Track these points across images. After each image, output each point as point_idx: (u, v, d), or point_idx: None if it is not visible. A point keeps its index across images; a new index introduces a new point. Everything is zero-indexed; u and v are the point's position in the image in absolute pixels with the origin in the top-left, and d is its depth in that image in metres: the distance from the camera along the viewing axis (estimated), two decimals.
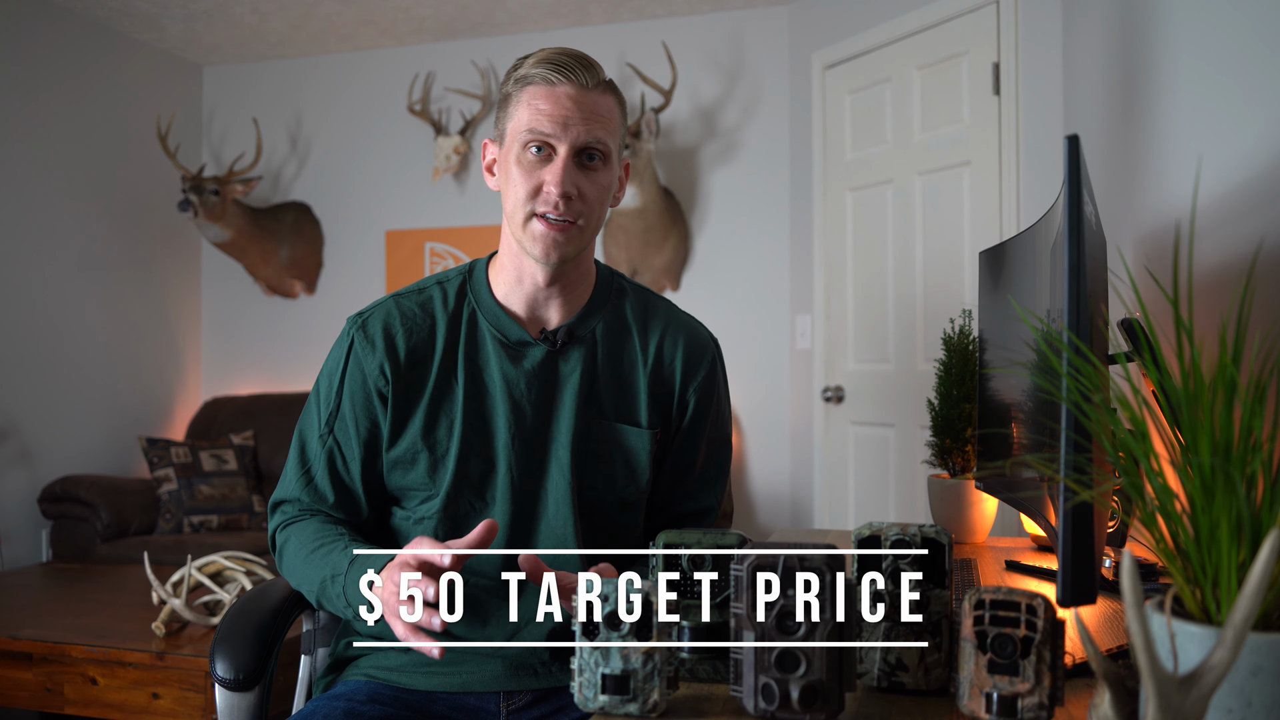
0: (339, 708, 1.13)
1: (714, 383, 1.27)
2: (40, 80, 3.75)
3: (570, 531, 1.17)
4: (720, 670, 0.88)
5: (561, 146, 1.11)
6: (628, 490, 1.21)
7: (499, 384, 1.17)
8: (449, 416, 1.17)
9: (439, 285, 1.23)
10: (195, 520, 3.73)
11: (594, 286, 1.24)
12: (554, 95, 1.11)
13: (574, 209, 1.13)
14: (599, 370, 1.21)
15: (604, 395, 1.21)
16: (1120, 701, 0.62)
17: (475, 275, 1.23)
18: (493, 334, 1.19)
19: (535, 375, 1.18)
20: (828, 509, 3.52)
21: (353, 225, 4.37)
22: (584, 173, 1.13)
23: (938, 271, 3.08)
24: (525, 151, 1.12)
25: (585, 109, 1.12)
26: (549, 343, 1.19)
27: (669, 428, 1.25)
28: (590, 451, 1.20)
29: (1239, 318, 0.62)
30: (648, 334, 1.24)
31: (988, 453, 1.43)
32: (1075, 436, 0.80)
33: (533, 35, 4.12)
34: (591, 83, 1.13)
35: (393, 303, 1.21)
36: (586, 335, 1.21)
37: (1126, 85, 1.95)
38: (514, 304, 1.20)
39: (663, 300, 1.30)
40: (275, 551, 1.23)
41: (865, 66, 3.33)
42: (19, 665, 2.29)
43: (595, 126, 1.12)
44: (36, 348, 3.72)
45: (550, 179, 1.11)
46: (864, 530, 0.86)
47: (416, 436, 1.17)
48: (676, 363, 1.24)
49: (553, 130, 1.11)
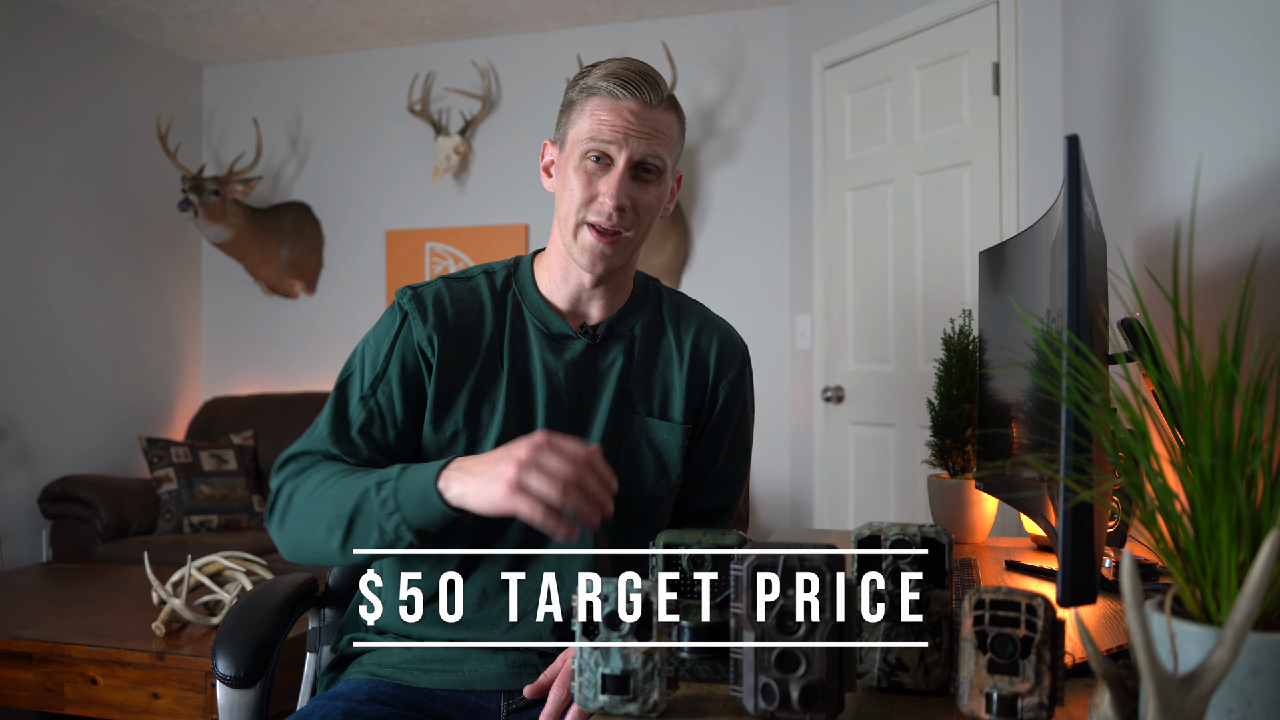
0: (338, 707, 1.13)
1: (743, 382, 1.31)
2: (40, 80, 3.75)
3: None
4: (720, 670, 0.88)
5: (620, 158, 1.15)
6: (659, 484, 1.24)
7: (540, 373, 1.20)
8: (491, 400, 1.19)
9: (485, 274, 1.26)
10: (195, 520, 3.73)
11: (633, 289, 1.28)
12: (617, 108, 1.14)
13: (625, 220, 1.16)
14: (635, 366, 1.25)
15: (640, 391, 1.24)
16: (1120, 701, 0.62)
17: (521, 269, 1.27)
18: (535, 325, 1.23)
19: (574, 366, 1.22)
20: (828, 509, 3.52)
21: (353, 225, 4.37)
22: (638, 185, 1.17)
23: (938, 271, 3.08)
24: (585, 160, 1.15)
25: (647, 124, 1.15)
26: (590, 337, 1.23)
27: (699, 422, 1.28)
28: (624, 445, 1.22)
29: (1239, 318, 0.62)
30: (683, 331, 1.29)
31: (988, 453, 1.43)
32: (1075, 436, 0.80)
33: (533, 35, 4.12)
34: (655, 100, 1.16)
35: (443, 283, 1.24)
36: (626, 332, 1.25)
37: (1126, 85, 1.95)
38: (558, 299, 1.24)
39: (697, 303, 1.35)
40: (276, 504, 1.14)
41: (865, 66, 3.33)
42: (19, 665, 2.29)
43: (654, 142, 1.16)
44: (36, 348, 3.72)
45: (606, 190, 1.15)
46: (864, 530, 0.86)
47: (460, 416, 1.18)
48: (711, 357, 1.28)
49: (613, 139, 1.14)
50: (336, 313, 4.35)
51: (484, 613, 1.17)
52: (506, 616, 1.17)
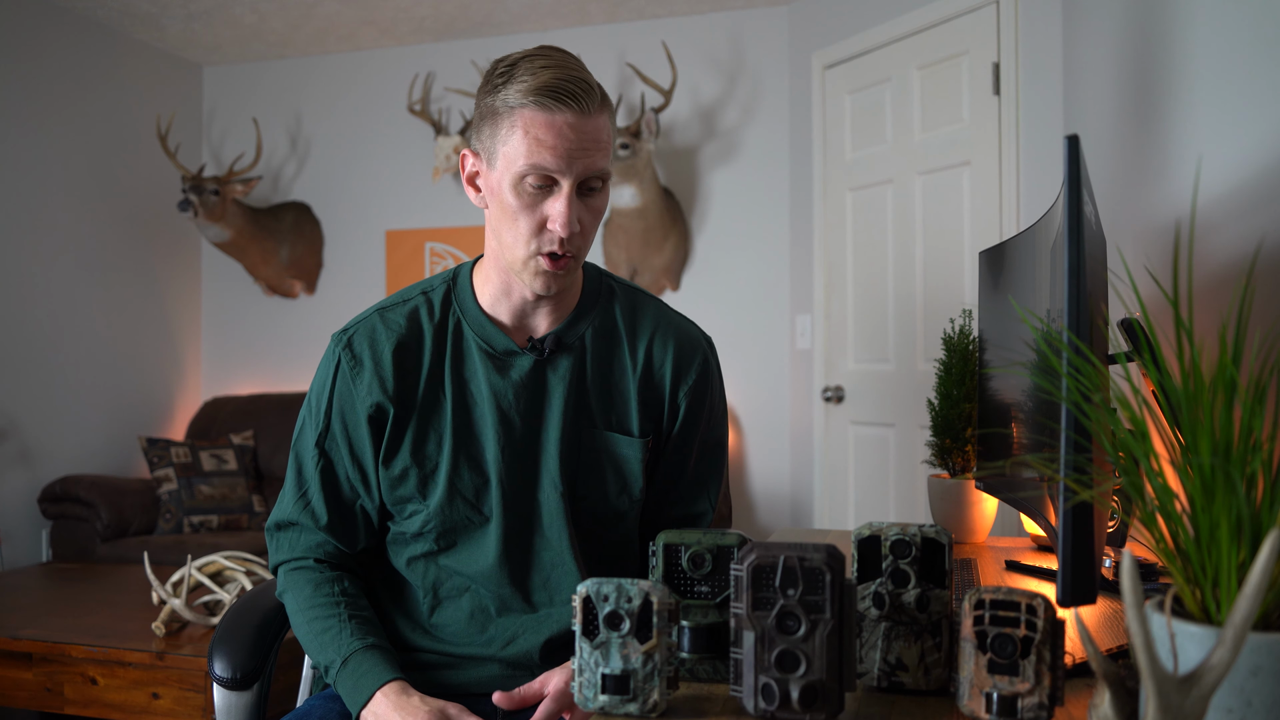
0: (334, 709, 1.13)
1: (706, 385, 1.24)
2: (40, 80, 3.75)
3: (566, 544, 1.17)
4: (720, 670, 0.88)
5: (565, 181, 1.06)
6: (620, 500, 1.20)
7: (487, 396, 1.15)
8: (438, 431, 1.16)
9: (424, 295, 1.20)
10: (195, 520, 3.73)
11: (582, 290, 1.21)
12: (553, 124, 1.04)
13: (574, 244, 1.09)
14: (588, 378, 1.18)
15: (594, 404, 1.18)
16: (1120, 701, 0.62)
17: (460, 283, 1.20)
18: (479, 344, 1.17)
19: (523, 386, 1.16)
20: (828, 509, 3.52)
21: (353, 225, 4.37)
22: (584, 200, 1.09)
23: (938, 271, 3.08)
24: (522, 183, 1.06)
25: (588, 137, 1.05)
26: (536, 352, 1.17)
27: (660, 434, 1.22)
28: (582, 462, 1.18)
29: (1239, 318, 0.62)
30: (637, 338, 1.21)
31: (988, 453, 1.43)
32: (1075, 436, 0.80)
33: (533, 35, 4.12)
34: (592, 106, 1.05)
35: (377, 317, 1.18)
36: (575, 342, 1.18)
37: (1127, 85, 1.95)
38: (500, 313, 1.17)
39: (653, 300, 1.26)
40: (279, 587, 1.23)
41: (865, 66, 3.33)
42: (19, 665, 2.29)
43: (598, 156, 1.07)
44: (36, 348, 3.72)
45: (556, 218, 1.06)
46: (864, 530, 0.86)
47: (407, 454, 1.16)
48: (666, 367, 1.21)
49: (556, 165, 1.05)
50: (336, 313, 4.35)
51: (474, 636, 1.18)
52: (498, 639, 1.18)
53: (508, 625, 1.17)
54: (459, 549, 1.17)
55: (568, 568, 1.17)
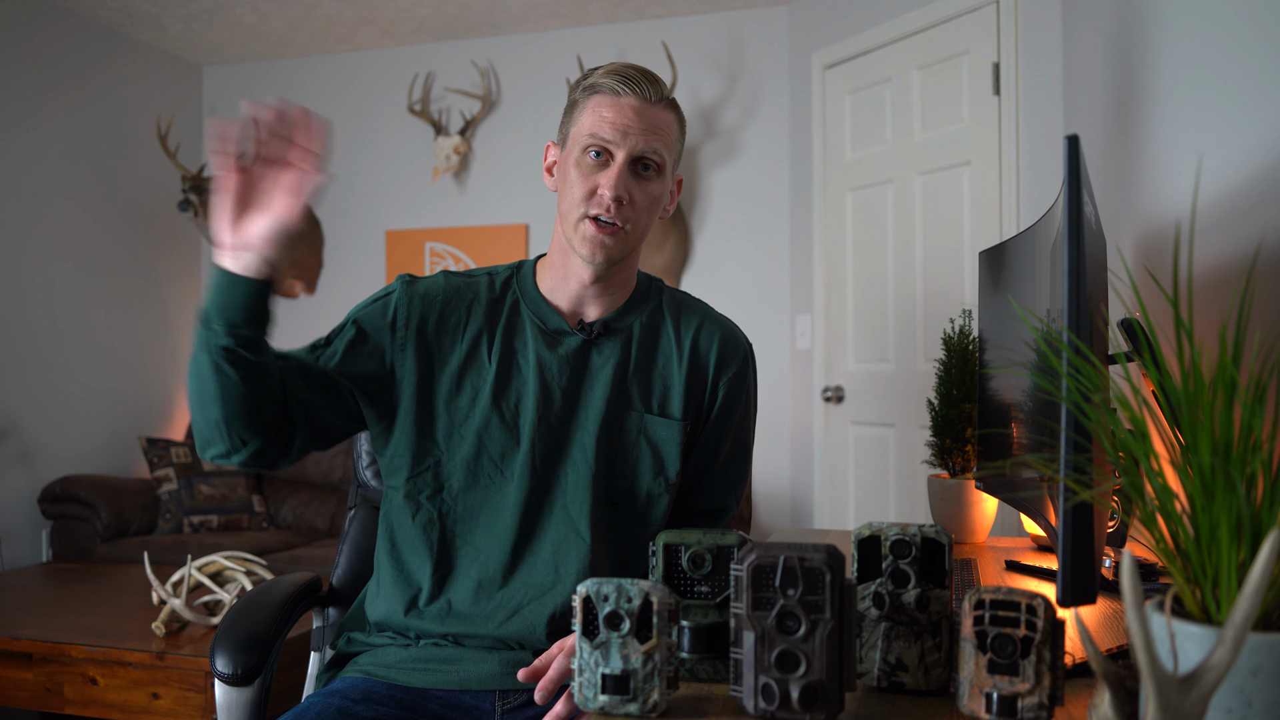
0: (333, 705, 1.13)
1: (745, 380, 1.31)
2: (40, 80, 3.75)
3: (585, 521, 1.19)
4: (720, 670, 0.88)
5: (619, 153, 1.17)
6: (656, 482, 1.24)
7: (533, 365, 1.22)
8: (474, 387, 1.22)
9: (488, 274, 1.29)
10: (195, 520, 3.73)
11: (635, 287, 1.30)
12: (618, 105, 1.17)
13: (624, 214, 1.18)
14: (633, 363, 1.26)
15: (636, 388, 1.25)
16: (1120, 701, 0.62)
17: (523, 270, 1.30)
18: (533, 320, 1.25)
19: (568, 362, 1.23)
20: (828, 509, 3.52)
21: (353, 225, 4.37)
22: (637, 181, 1.19)
23: (938, 271, 3.08)
24: (585, 155, 1.18)
25: (646, 121, 1.17)
26: (585, 333, 1.24)
27: (699, 419, 1.28)
28: (620, 442, 1.23)
29: (1239, 318, 0.62)
30: (683, 327, 1.29)
31: (988, 453, 1.43)
32: (1075, 436, 0.80)
33: (533, 35, 4.12)
34: (655, 97, 1.19)
35: (442, 276, 1.28)
36: (623, 329, 1.26)
37: (1126, 85, 1.95)
38: (557, 298, 1.26)
39: (700, 301, 1.35)
40: None
41: (865, 66, 3.33)
42: (19, 665, 2.29)
43: (653, 138, 1.18)
44: (36, 348, 3.72)
45: (605, 183, 1.17)
46: (864, 530, 0.86)
47: (442, 401, 1.21)
48: (712, 353, 1.29)
49: (612, 137, 1.16)
50: (336, 313, 4.35)
51: (479, 606, 1.18)
52: (502, 609, 1.17)
53: (513, 595, 1.17)
54: (475, 511, 1.20)
55: (581, 542, 1.18)
